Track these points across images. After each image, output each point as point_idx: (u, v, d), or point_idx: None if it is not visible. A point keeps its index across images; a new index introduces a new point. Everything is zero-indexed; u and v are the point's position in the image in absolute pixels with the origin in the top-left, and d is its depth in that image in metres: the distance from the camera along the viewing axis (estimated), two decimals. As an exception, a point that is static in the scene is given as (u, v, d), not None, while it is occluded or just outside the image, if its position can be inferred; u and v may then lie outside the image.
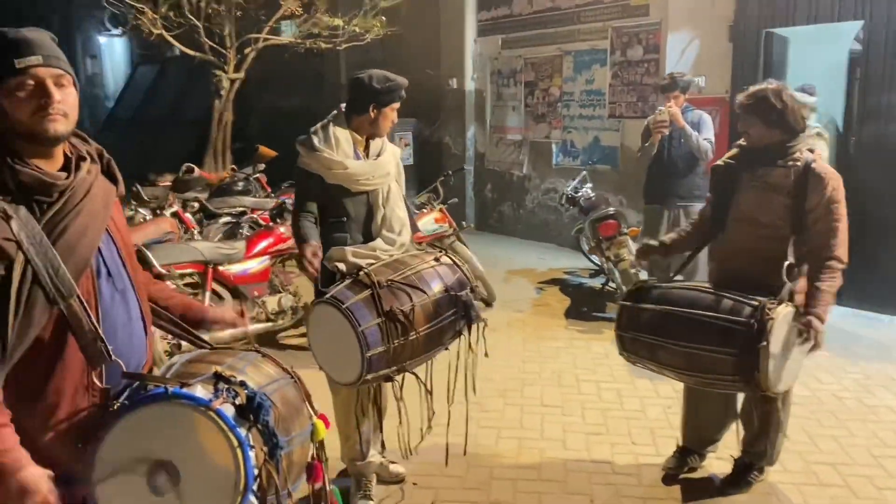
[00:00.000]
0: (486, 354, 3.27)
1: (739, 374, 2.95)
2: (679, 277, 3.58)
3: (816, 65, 7.37)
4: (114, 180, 1.92)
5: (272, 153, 8.59)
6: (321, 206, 3.34)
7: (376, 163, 3.33)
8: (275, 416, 1.87)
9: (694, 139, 5.59)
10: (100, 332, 1.74)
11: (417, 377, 3.25)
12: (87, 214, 1.76)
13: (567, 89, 8.87)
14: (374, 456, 3.47)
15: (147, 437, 1.73)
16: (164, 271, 4.56)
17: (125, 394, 1.81)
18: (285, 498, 1.88)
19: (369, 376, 2.90)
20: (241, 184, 8.46)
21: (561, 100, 8.97)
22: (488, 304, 6.55)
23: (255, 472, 1.77)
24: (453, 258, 3.28)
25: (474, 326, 3.18)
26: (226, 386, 1.83)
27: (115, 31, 9.57)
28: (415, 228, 3.63)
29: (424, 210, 6.26)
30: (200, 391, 1.79)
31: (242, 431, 1.76)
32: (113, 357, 1.75)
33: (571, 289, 7.17)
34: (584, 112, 8.71)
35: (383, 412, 3.49)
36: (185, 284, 4.72)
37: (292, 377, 2.12)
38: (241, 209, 7.23)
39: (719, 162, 3.37)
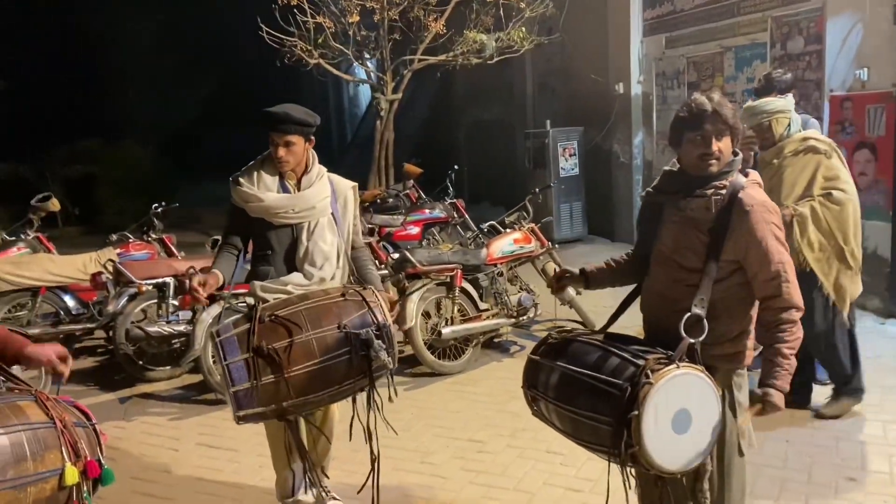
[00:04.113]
0: (391, 399, 3.11)
1: (618, 447, 2.47)
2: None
3: None
4: None
5: (417, 170, 8.86)
6: (252, 239, 3.43)
7: (297, 196, 3.32)
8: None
9: None
10: None
11: (307, 420, 3.21)
12: None
13: (729, 89, 7.93)
14: (304, 495, 3.46)
15: None
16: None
17: None
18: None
19: (241, 413, 2.91)
20: (391, 200, 8.86)
21: (723, 101, 8.04)
22: (587, 330, 6.12)
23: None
24: (364, 294, 3.14)
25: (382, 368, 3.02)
26: None
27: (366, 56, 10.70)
28: (363, 263, 3.51)
29: (508, 230, 6.03)
30: None
31: None
32: None
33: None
34: (745, 114, 7.71)
35: (310, 451, 3.41)
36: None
37: (53, 423, 2.21)
38: (371, 226, 7.58)
39: (644, 191, 2.86)
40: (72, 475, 2.15)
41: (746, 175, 2.61)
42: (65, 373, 2.47)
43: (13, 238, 6.74)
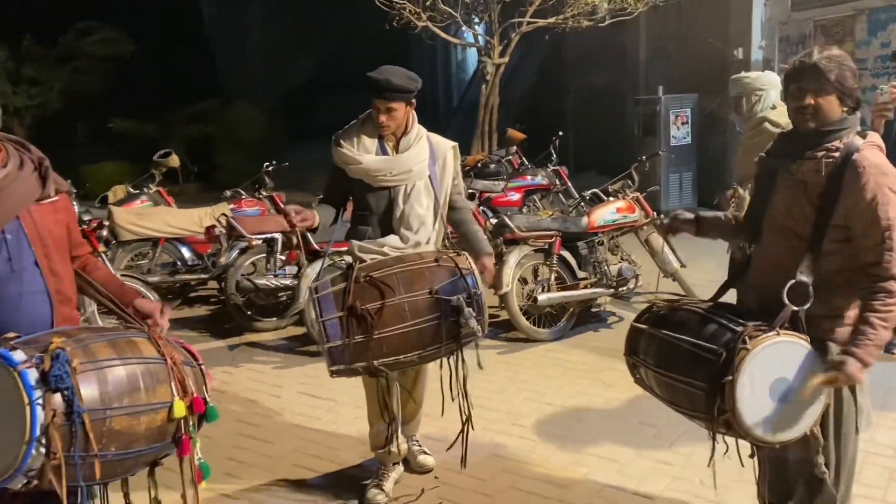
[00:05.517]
0: (480, 366, 3.15)
1: (712, 413, 2.42)
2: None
3: None
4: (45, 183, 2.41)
5: (521, 136, 8.78)
6: (352, 198, 3.51)
7: (395, 159, 3.35)
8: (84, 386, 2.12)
9: None
10: None
11: (398, 380, 3.28)
12: None
13: (860, 56, 7.41)
14: (395, 446, 3.55)
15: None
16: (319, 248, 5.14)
17: None
18: (91, 458, 2.17)
19: (334, 368, 3.02)
20: (493, 165, 8.84)
21: (852, 69, 7.53)
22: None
23: (41, 428, 2.08)
24: (457, 261, 3.14)
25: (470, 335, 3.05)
26: (37, 353, 2.15)
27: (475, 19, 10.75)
28: (466, 222, 3.54)
29: (611, 199, 5.89)
30: (18, 355, 2.14)
31: (38, 392, 2.07)
32: None
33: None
34: (877, 83, 7.17)
35: (402, 407, 3.47)
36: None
37: (163, 360, 2.37)
38: (471, 191, 7.60)
39: (761, 153, 2.73)
40: (179, 409, 2.29)
41: (864, 137, 2.45)
42: (164, 325, 2.63)
43: (137, 191, 7.20)
